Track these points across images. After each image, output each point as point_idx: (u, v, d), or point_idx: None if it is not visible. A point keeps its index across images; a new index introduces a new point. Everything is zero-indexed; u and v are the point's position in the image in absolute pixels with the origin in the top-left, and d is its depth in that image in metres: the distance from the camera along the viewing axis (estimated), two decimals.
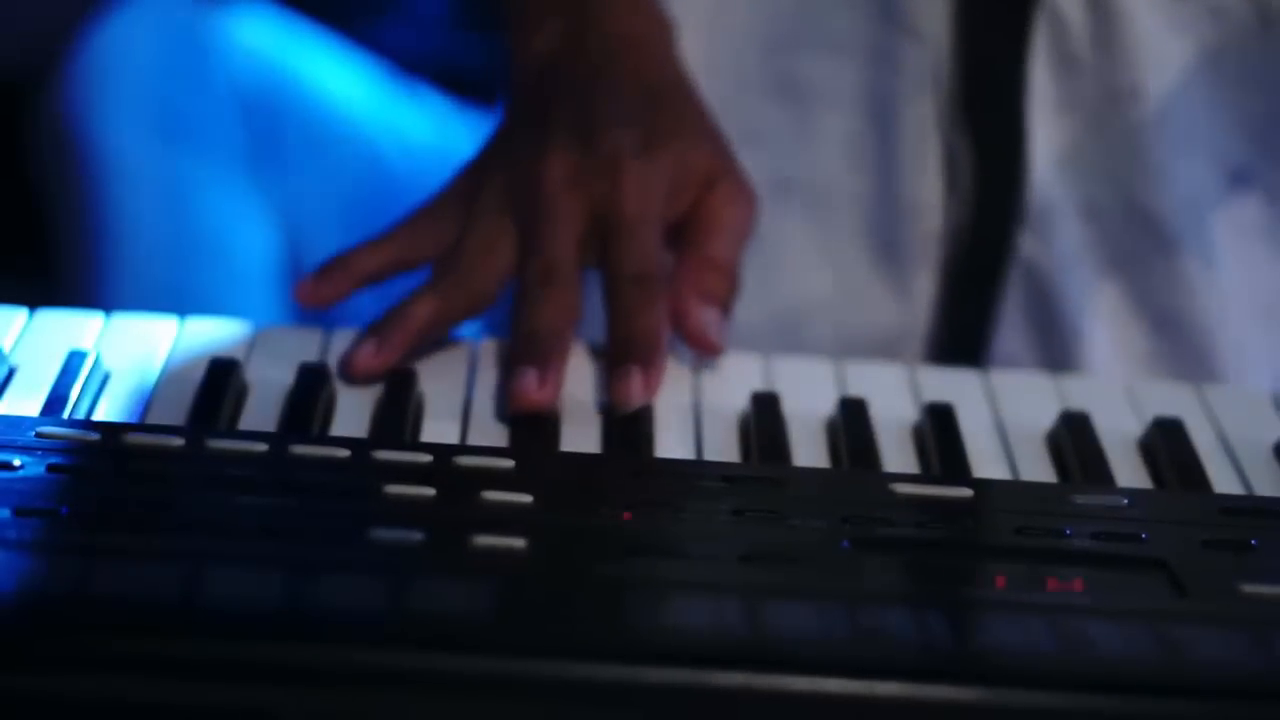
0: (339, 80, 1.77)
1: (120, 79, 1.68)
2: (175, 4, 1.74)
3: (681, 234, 0.83)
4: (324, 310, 0.83)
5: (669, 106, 0.86)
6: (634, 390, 0.75)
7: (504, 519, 0.65)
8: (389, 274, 0.83)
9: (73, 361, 0.75)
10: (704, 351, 0.81)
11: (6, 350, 0.76)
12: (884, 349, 0.99)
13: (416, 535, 0.63)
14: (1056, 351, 0.98)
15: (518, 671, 0.58)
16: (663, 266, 0.80)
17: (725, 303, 0.82)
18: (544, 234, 0.80)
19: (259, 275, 1.60)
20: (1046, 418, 0.78)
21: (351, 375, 0.77)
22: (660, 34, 0.90)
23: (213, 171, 1.65)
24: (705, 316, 0.80)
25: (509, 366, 0.76)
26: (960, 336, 0.99)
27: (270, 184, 1.68)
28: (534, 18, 0.89)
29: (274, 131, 1.71)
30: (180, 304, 1.59)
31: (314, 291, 0.82)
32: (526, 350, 0.76)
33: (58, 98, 1.67)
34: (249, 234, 1.56)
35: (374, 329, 0.78)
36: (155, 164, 1.65)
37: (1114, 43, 0.93)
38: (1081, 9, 0.93)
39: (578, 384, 0.77)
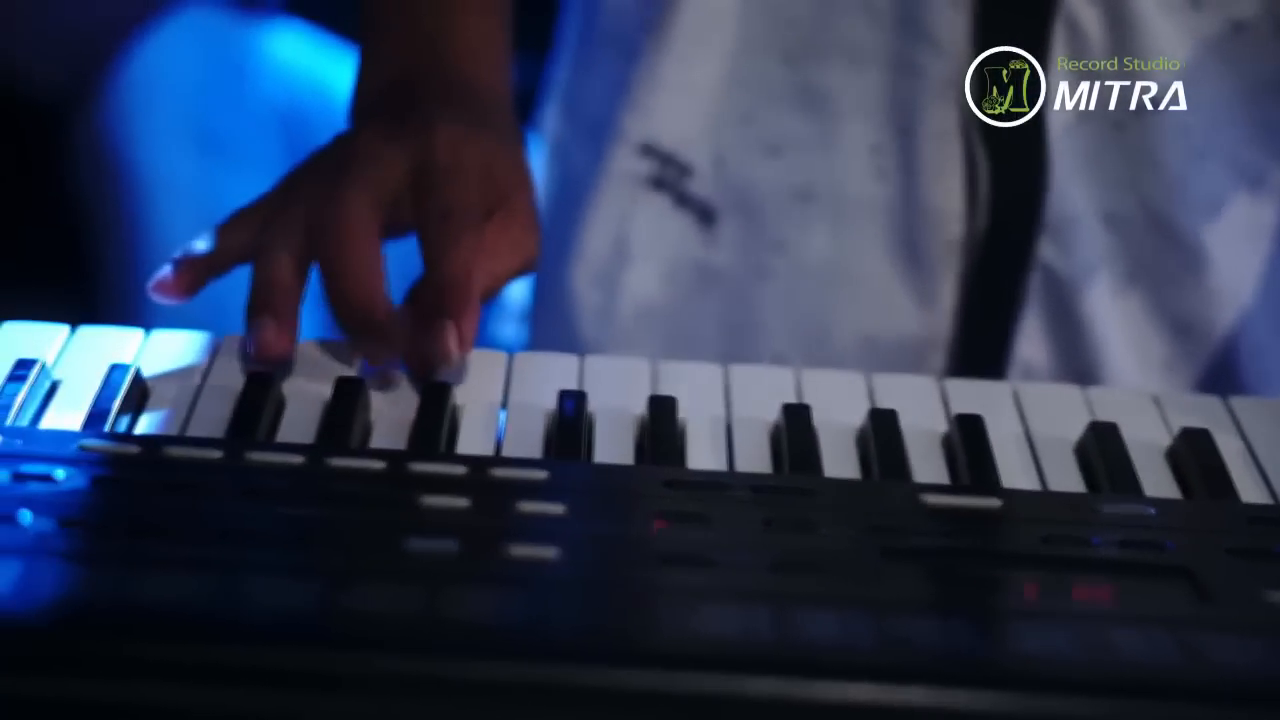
0: None
1: (159, 97, 1.69)
2: (212, 22, 1.75)
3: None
4: (184, 301, 0.84)
5: (490, 117, 0.88)
6: (450, 347, 0.76)
7: (538, 529, 0.66)
8: (237, 260, 0.84)
9: (114, 376, 0.76)
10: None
11: (49, 365, 0.77)
12: (906, 356, 0.99)
13: (451, 545, 0.64)
14: (1076, 358, 0.99)
15: (551, 679, 0.59)
16: (471, 206, 0.81)
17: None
18: (348, 174, 0.81)
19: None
20: (1075, 428, 0.78)
21: (267, 361, 0.78)
22: (498, 82, 0.92)
23: (250, 186, 1.66)
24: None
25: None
26: (981, 344, 1.00)
27: None
28: (382, 55, 0.92)
29: (308, 145, 1.72)
30: (218, 317, 1.60)
31: (173, 286, 0.83)
32: (260, 300, 0.79)
33: (97, 116, 1.68)
34: None
35: (257, 311, 0.79)
36: (193, 179, 1.67)
37: (1132, 54, 0.94)
38: (1099, 18, 0.94)
39: (610, 394, 0.78)
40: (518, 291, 1.17)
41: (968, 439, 0.76)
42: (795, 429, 0.76)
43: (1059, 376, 0.98)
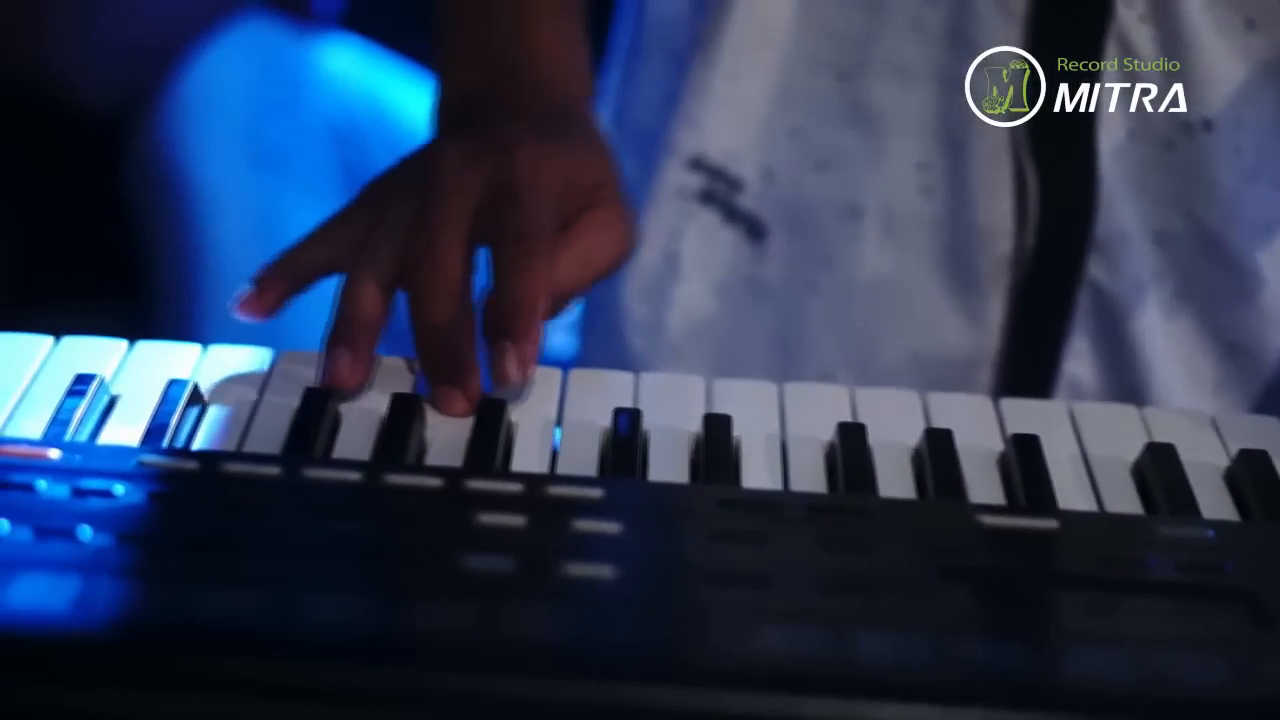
0: (423, 109, 1.79)
1: (215, 111, 1.70)
2: (268, 37, 1.76)
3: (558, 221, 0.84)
4: (269, 318, 0.84)
5: (571, 129, 0.88)
6: (510, 370, 0.77)
7: (593, 547, 0.66)
8: (320, 275, 0.85)
9: (172, 391, 0.77)
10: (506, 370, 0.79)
11: (108, 380, 0.78)
12: (954, 373, 0.99)
13: (508, 563, 0.64)
14: (1125, 378, 0.98)
15: (607, 698, 0.59)
16: (543, 232, 0.81)
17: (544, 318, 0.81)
18: (434, 204, 0.81)
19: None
20: (1131, 448, 0.78)
21: (340, 388, 0.78)
22: (577, 82, 0.92)
23: (305, 200, 1.67)
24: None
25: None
26: (1029, 361, 0.99)
27: None
28: (462, 59, 0.92)
29: (362, 159, 1.73)
30: (274, 331, 1.61)
31: (256, 303, 0.83)
32: (341, 331, 0.79)
33: (154, 130, 1.70)
34: None
35: (335, 340, 0.79)
36: (249, 194, 1.68)
37: (1184, 73, 0.93)
38: (1152, 36, 0.93)
39: (666, 413, 0.78)
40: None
41: (1024, 459, 0.76)
42: (850, 448, 0.76)
43: (1107, 395, 0.98)
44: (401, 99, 1.79)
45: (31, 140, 1.73)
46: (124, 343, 0.81)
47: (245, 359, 0.81)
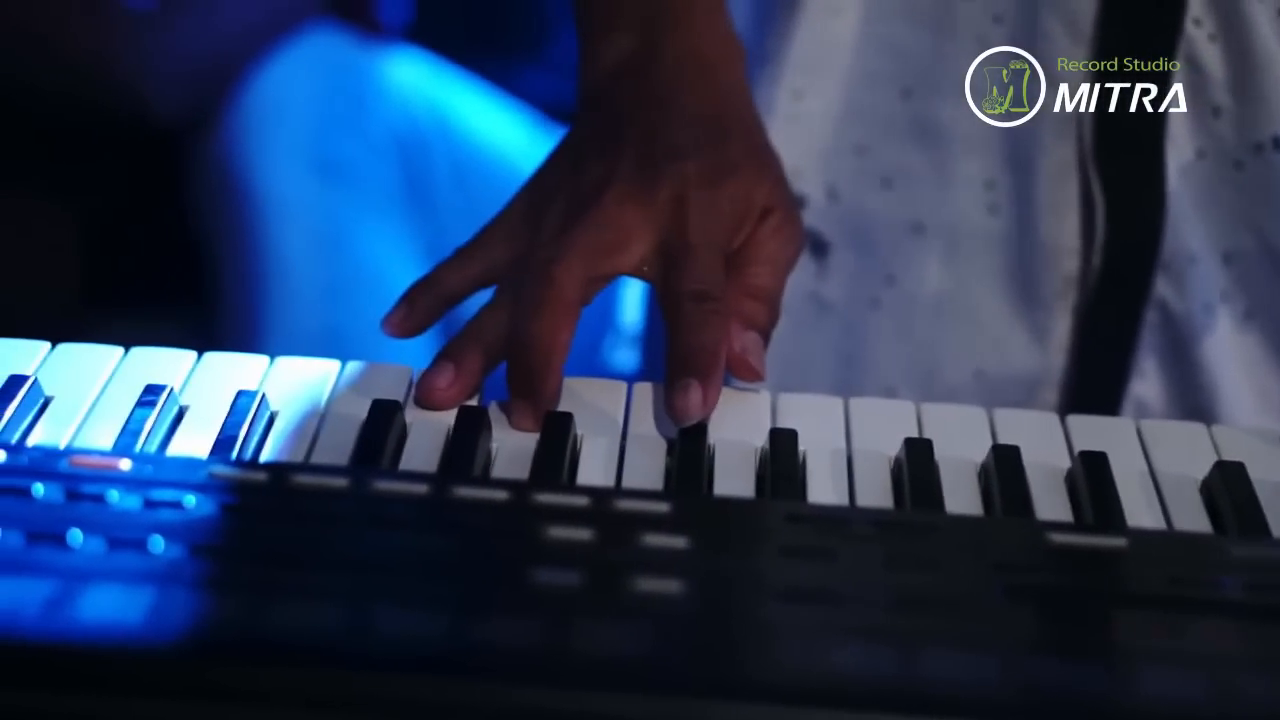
0: (488, 124, 1.80)
1: (279, 122, 1.71)
2: (334, 49, 1.77)
3: (729, 262, 0.84)
4: (414, 337, 0.84)
5: (733, 138, 0.86)
6: (693, 403, 0.76)
7: (661, 562, 0.66)
8: (471, 291, 0.85)
9: (240, 402, 0.77)
10: (744, 377, 0.81)
11: (177, 391, 0.78)
12: (1019, 392, 0.99)
13: (575, 578, 0.64)
14: (1192, 398, 0.98)
15: (676, 712, 0.59)
16: (723, 288, 0.81)
17: (765, 330, 0.83)
18: (581, 231, 0.81)
19: None
20: (1200, 466, 0.77)
21: (427, 404, 0.78)
22: (729, 57, 0.90)
23: (369, 212, 1.68)
24: (745, 341, 0.81)
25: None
26: (1096, 381, 0.99)
27: (423, 224, 1.70)
28: (606, 33, 0.90)
29: (427, 173, 1.74)
30: (337, 342, 1.62)
31: (405, 320, 0.84)
32: (453, 348, 0.79)
33: (220, 142, 1.71)
34: (403, 273, 1.59)
35: (447, 354, 0.80)
36: (313, 205, 1.69)
37: (1254, 92, 0.93)
38: (1221, 58, 0.93)
39: (732, 427, 0.78)
40: (631, 317, 1.18)
41: (1092, 476, 0.76)
42: (917, 463, 0.76)
43: (1174, 416, 0.97)
44: (467, 112, 1.80)
45: (101, 152, 1.74)
46: (192, 354, 0.82)
47: (312, 370, 0.81)
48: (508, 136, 1.79)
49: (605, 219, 0.81)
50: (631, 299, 1.14)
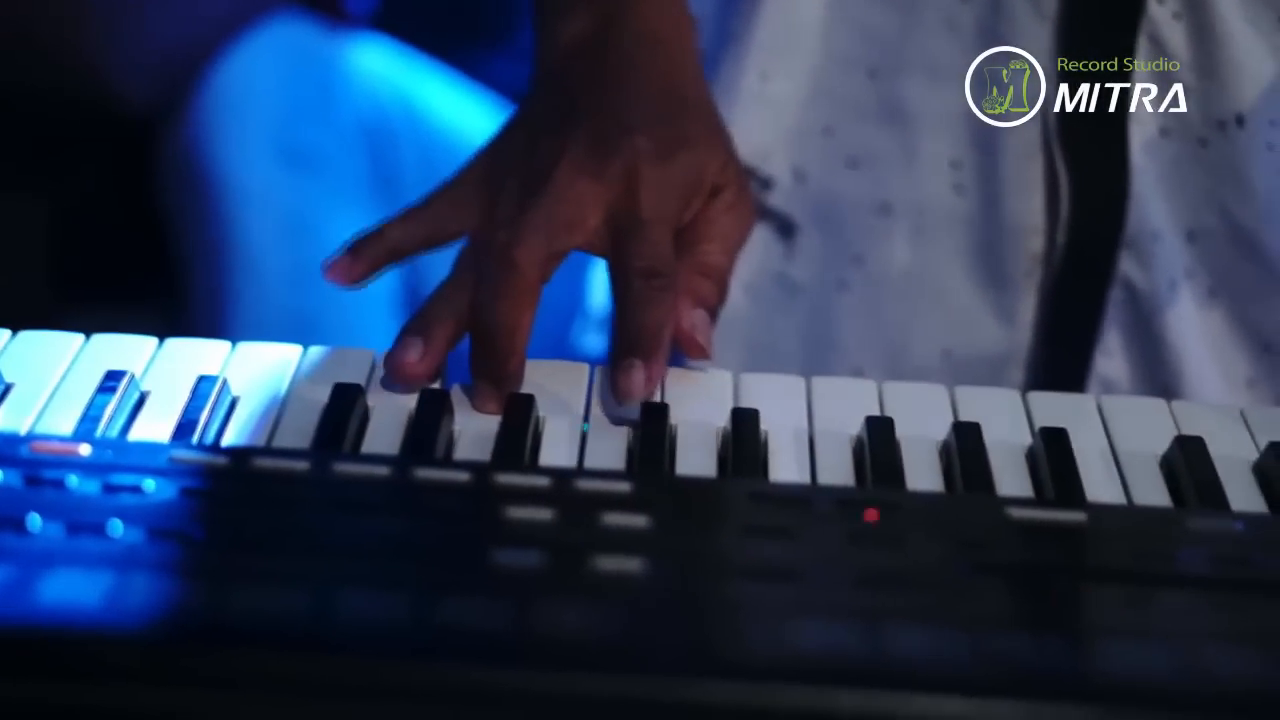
0: (454, 111, 1.80)
1: (246, 108, 1.71)
2: (300, 36, 1.77)
3: (678, 238, 0.84)
4: (356, 287, 0.85)
5: (686, 115, 0.87)
6: (635, 383, 0.77)
7: (623, 541, 0.66)
8: (416, 250, 0.86)
9: (201, 387, 0.77)
10: (693, 354, 0.82)
11: (138, 376, 0.78)
12: (985, 371, 0.99)
13: (537, 558, 0.64)
14: (1157, 375, 0.98)
15: (640, 691, 0.59)
16: (672, 266, 0.82)
17: (714, 309, 0.84)
18: (538, 209, 0.81)
19: (380, 300, 1.62)
20: (1160, 442, 0.78)
21: (398, 380, 0.79)
22: (682, 33, 0.90)
23: (335, 198, 1.68)
24: (694, 319, 0.82)
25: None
26: (1061, 359, 0.99)
27: (390, 211, 1.70)
28: (561, 11, 0.90)
29: (394, 159, 1.74)
30: (303, 327, 1.62)
31: (348, 268, 0.84)
32: (417, 323, 0.80)
33: (185, 128, 1.70)
34: None
35: (414, 330, 0.80)
36: (280, 191, 1.68)
37: (1216, 69, 0.93)
38: (1184, 35, 0.93)
39: (693, 408, 0.78)
40: (599, 299, 1.18)
41: (1052, 452, 0.76)
42: (878, 442, 0.76)
43: (1139, 393, 0.97)
44: (433, 100, 1.79)
45: (64, 139, 1.74)
46: (154, 340, 0.81)
47: (274, 355, 0.81)
48: (474, 123, 1.78)
49: (559, 194, 0.82)
50: (599, 282, 1.13)
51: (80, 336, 0.81)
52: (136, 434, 0.75)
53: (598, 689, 0.59)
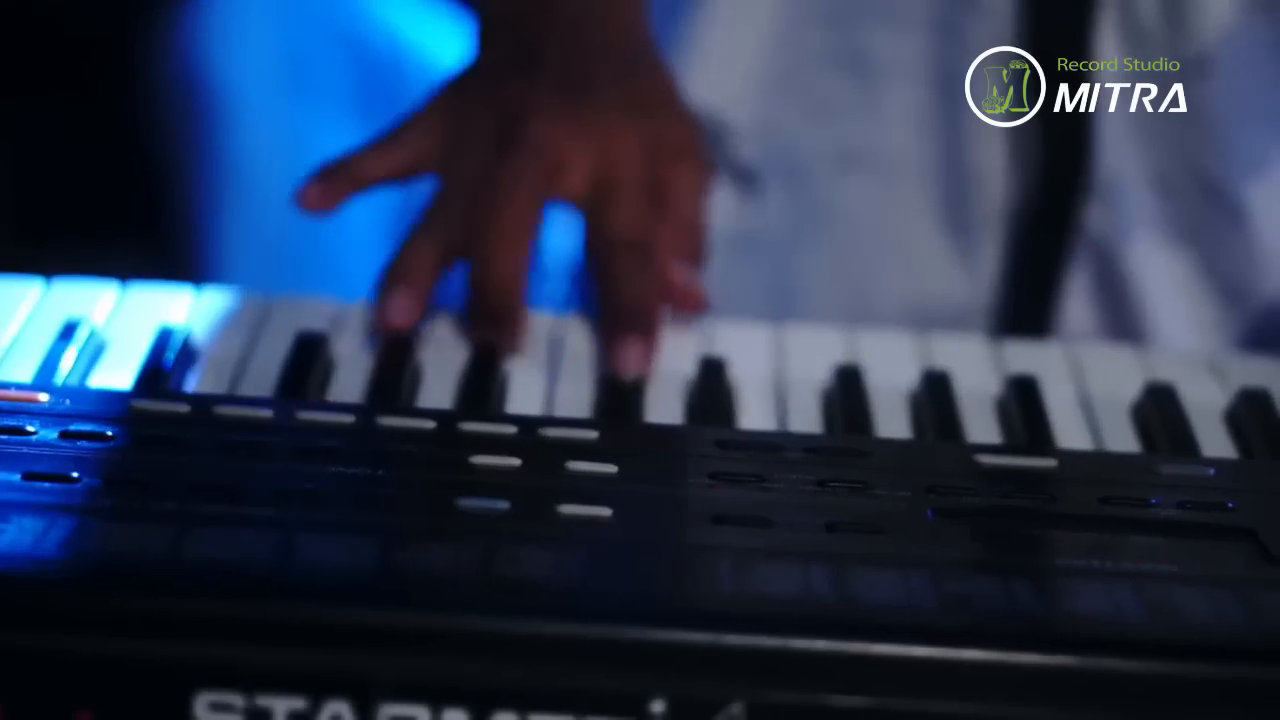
0: (446, 35, 1.78)
1: (241, 22, 1.69)
2: None
3: (650, 196, 0.83)
4: (325, 216, 0.84)
5: (646, 74, 0.87)
6: (633, 359, 0.76)
7: (590, 489, 0.65)
8: (383, 181, 0.84)
9: (164, 336, 0.76)
10: (691, 307, 0.82)
11: (99, 325, 0.77)
12: (950, 321, 0.98)
13: (503, 505, 0.64)
14: (1124, 323, 0.98)
15: (606, 637, 0.58)
16: (651, 230, 0.81)
17: (699, 261, 0.83)
18: (517, 173, 0.80)
19: (370, 221, 1.61)
20: (1131, 390, 0.77)
21: (388, 330, 0.78)
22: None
23: (327, 118, 1.67)
24: (684, 274, 0.82)
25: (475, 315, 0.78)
26: (1027, 309, 0.99)
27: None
28: None
29: (386, 81, 1.73)
30: (269, 275, 1.61)
31: (318, 198, 0.83)
32: (398, 272, 0.79)
33: (179, 39, 1.68)
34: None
35: (394, 279, 0.79)
36: (273, 108, 1.67)
37: (1182, 14, 0.93)
38: None
39: (661, 356, 0.78)
40: (561, 250, 1.17)
41: (1022, 401, 0.76)
42: (848, 390, 0.76)
43: (1106, 340, 0.98)
44: (421, 24, 1.78)
45: (31, 55, 1.71)
46: (115, 287, 0.80)
47: (239, 304, 0.80)
48: (465, 48, 1.77)
49: (539, 144, 0.81)
50: (558, 231, 1.13)
51: (40, 282, 0.80)
52: (97, 383, 0.74)
53: (564, 635, 0.58)
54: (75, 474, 0.63)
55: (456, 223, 0.81)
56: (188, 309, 0.80)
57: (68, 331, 0.75)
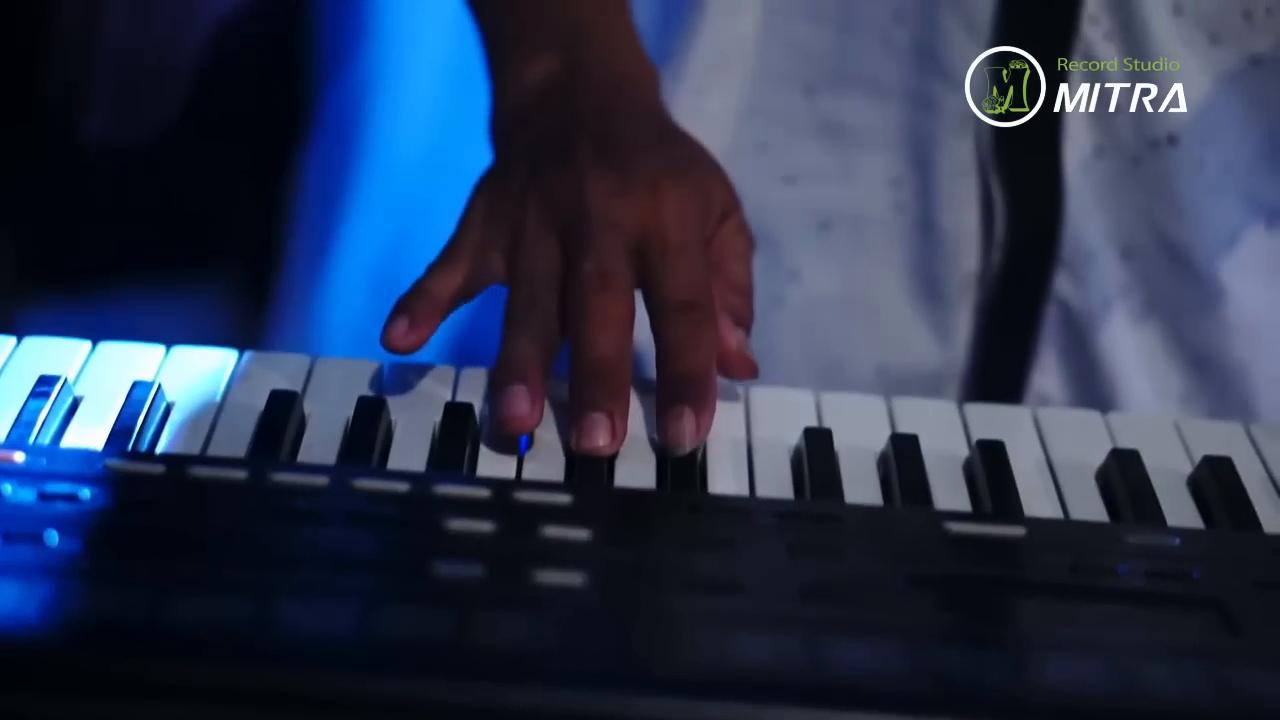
0: None
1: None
2: None
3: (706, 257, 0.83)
4: (416, 351, 0.80)
5: (678, 136, 0.86)
6: (687, 432, 0.75)
7: (563, 554, 0.66)
8: (461, 302, 0.81)
9: (136, 393, 0.76)
10: (742, 373, 0.80)
11: (71, 381, 0.77)
12: (921, 388, 0.99)
13: (478, 569, 0.64)
14: (1093, 392, 0.99)
15: (579, 705, 0.59)
16: (710, 293, 0.80)
17: (749, 325, 0.82)
18: (599, 245, 0.79)
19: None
20: (1096, 454, 0.78)
21: (512, 433, 0.76)
22: (649, 78, 0.90)
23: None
24: (738, 338, 0.81)
25: (576, 392, 0.76)
26: (997, 376, 1.00)
27: None
28: (525, 51, 0.89)
29: None
30: (239, 334, 1.59)
31: (409, 334, 0.79)
32: (515, 371, 0.77)
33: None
34: None
35: (508, 381, 0.77)
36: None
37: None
38: (1118, 54, 0.94)
39: (632, 420, 0.78)
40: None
41: (989, 465, 0.76)
42: (817, 453, 0.76)
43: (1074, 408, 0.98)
44: None
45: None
46: (87, 343, 0.80)
47: (210, 360, 0.80)
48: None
49: (603, 222, 0.80)
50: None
51: (11, 339, 0.80)
52: (70, 440, 0.74)
53: (537, 702, 0.59)
54: (52, 536, 0.63)
55: (553, 320, 0.79)
56: (158, 364, 0.80)
57: (41, 388, 0.75)
